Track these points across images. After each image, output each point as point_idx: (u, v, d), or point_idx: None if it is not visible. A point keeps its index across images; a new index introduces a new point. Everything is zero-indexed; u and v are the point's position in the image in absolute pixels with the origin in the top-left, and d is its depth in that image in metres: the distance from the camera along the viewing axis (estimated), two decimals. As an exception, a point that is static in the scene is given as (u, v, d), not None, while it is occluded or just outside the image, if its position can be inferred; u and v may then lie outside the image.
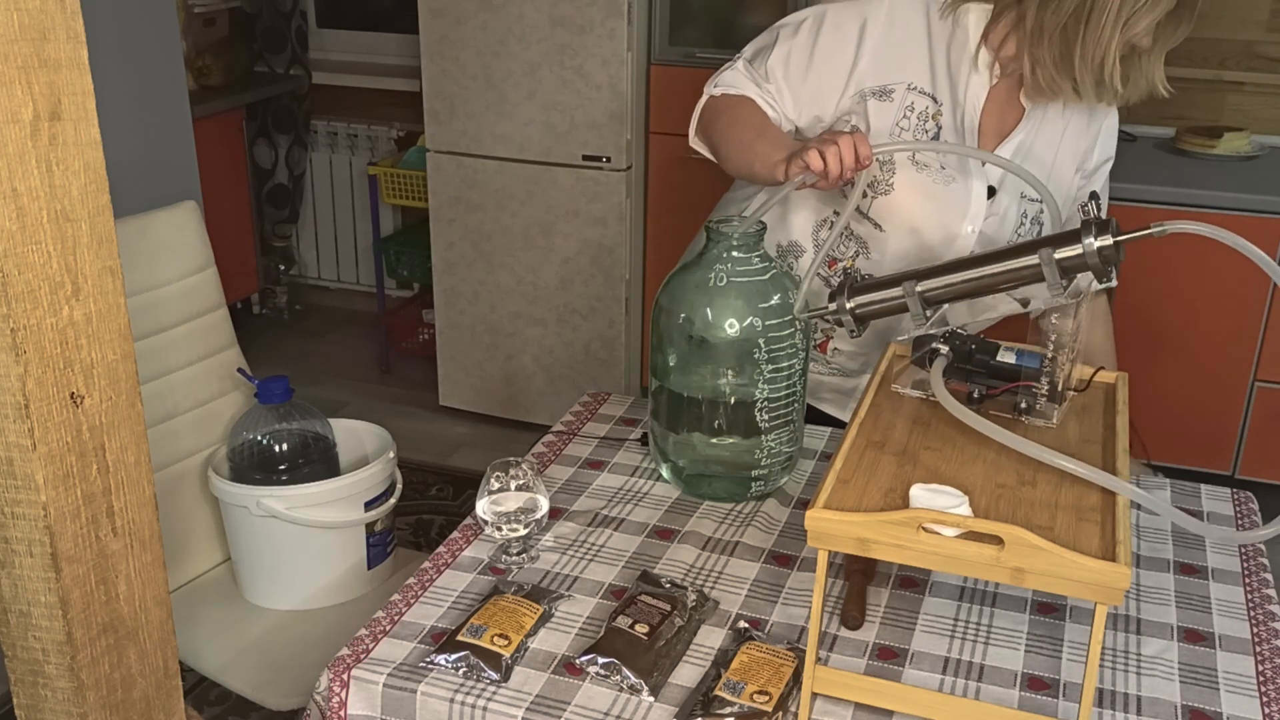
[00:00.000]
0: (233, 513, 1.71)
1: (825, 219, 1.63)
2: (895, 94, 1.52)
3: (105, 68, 1.42)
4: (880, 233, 1.58)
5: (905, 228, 1.57)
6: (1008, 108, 1.55)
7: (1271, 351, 2.82)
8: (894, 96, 1.52)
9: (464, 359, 3.49)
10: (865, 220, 1.59)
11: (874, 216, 1.58)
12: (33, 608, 0.93)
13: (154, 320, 1.73)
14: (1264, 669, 1.20)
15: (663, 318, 1.44)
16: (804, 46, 1.56)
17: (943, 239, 1.56)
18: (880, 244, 1.59)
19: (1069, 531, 1.05)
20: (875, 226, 1.58)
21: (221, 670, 1.64)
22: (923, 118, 1.52)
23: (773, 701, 1.11)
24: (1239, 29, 3.12)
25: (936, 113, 1.52)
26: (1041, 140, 1.57)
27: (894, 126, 1.53)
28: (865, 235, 1.60)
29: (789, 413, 1.45)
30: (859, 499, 1.10)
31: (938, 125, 1.52)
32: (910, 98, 1.52)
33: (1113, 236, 1.26)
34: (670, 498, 1.50)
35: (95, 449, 0.92)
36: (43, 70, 0.82)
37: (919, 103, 1.52)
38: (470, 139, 3.25)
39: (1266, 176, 2.87)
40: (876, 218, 1.57)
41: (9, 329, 0.83)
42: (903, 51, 1.53)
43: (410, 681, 1.15)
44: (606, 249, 3.22)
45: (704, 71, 1.70)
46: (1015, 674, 1.17)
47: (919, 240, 1.57)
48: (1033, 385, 1.26)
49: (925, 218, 1.55)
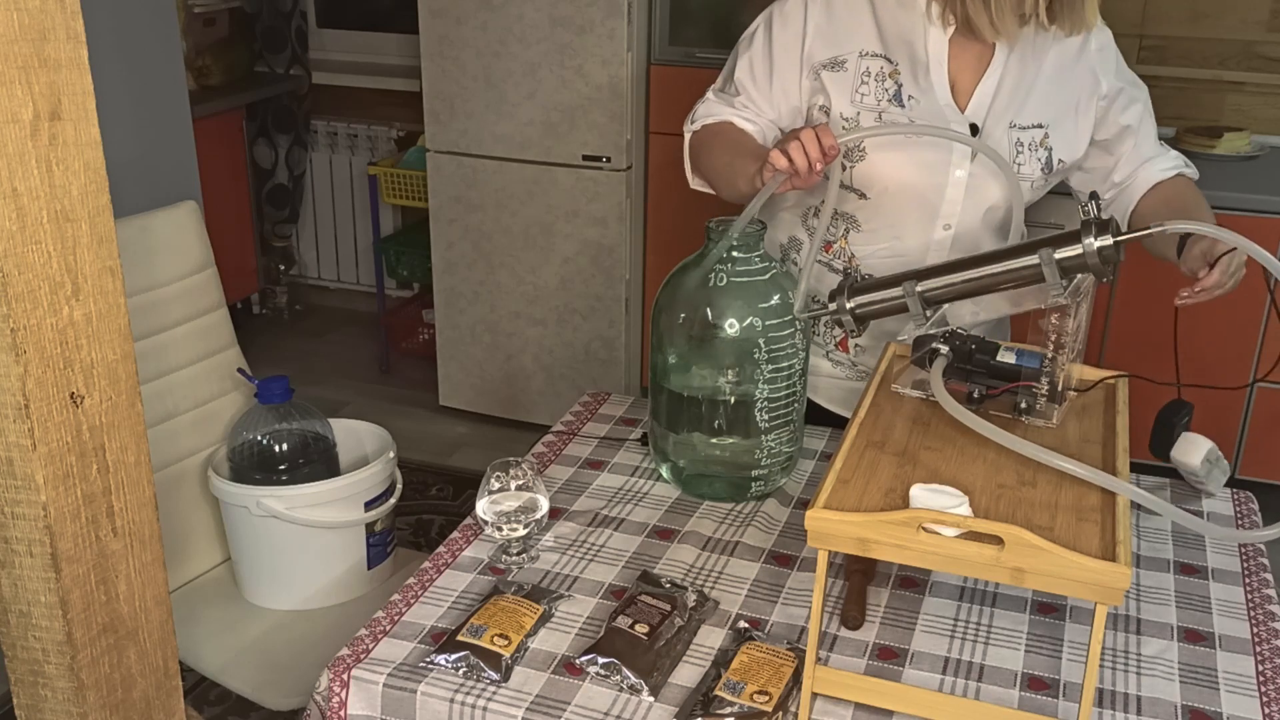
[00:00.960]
0: (233, 513, 1.71)
1: (811, 207, 1.66)
2: (848, 63, 1.56)
3: (105, 68, 1.42)
4: (866, 200, 1.60)
5: (890, 189, 1.58)
6: (976, 51, 1.56)
7: (1271, 351, 2.81)
8: (847, 66, 1.56)
9: (464, 359, 3.49)
10: (850, 192, 1.60)
11: (857, 186, 1.59)
12: (33, 608, 0.93)
13: (154, 320, 1.73)
14: (1264, 669, 1.20)
15: (663, 318, 1.45)
16: (761, 49, 1.61)
17: (931, 190, 1.57)
18: (869, 213, 1.60)
19: (1069, 531, 1.05)
20: (860, 196, 1.59)
21: (221, 670, 1.64)
22: (879, 79, 1.55)
23: (773, 701, 1.11)
24: (1239, 29, 3.12)
25: (893, 71, 1.55)
26: (1022, 74, 1.57)
27: (854, 93, 1.56)
28: (852, 210, 1.61)
29: (789, 413, 1.45)
30: (859, 499, 1.10)
31: (897, 84, 1.55)
32: (864, 63, 1.56)
33: (1113, 236, 1.26)
34: (670, 498, 1.50)
35: (95, 449, 0.92)
36: (43, 70, 0.82)
37: (873, 66, 1.55)
38: (470, 139, 3.25)
39: (1266, 176, 2.87)
40: (860, 186, 1.59)
41: (9, 329, 0.83)
42: (847, 22, 1.57)
43: (410, 681, 1.15)
44: (606, 249, 3.23)
45: (704, 71, 1.71)
46: (1015, 674, 1.17)
47: (907, 199, 1.58)
48: (1033, 385, 1.26)
49: (906, 174, 1.57)
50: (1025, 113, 1.57)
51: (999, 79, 1.56)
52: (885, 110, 1.55)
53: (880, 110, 1.55)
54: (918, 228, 1.59)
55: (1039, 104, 1.57)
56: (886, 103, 1.55)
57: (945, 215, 1.58)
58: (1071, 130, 1.60)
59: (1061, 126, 1.59)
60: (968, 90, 1.57)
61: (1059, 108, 1.59)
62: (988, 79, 1.56)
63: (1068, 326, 1.26)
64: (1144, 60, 1.60)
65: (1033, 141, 1.58)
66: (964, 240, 1.59)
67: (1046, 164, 1.58)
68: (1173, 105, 1.54)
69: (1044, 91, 1.57)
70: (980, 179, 1.57)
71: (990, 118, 1.56)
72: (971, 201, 1.57)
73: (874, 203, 1.59)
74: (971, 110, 1.56)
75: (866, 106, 1.56)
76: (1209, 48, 3.15)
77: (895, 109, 1.55)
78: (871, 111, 1.56)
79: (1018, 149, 1.57)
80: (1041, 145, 1.58)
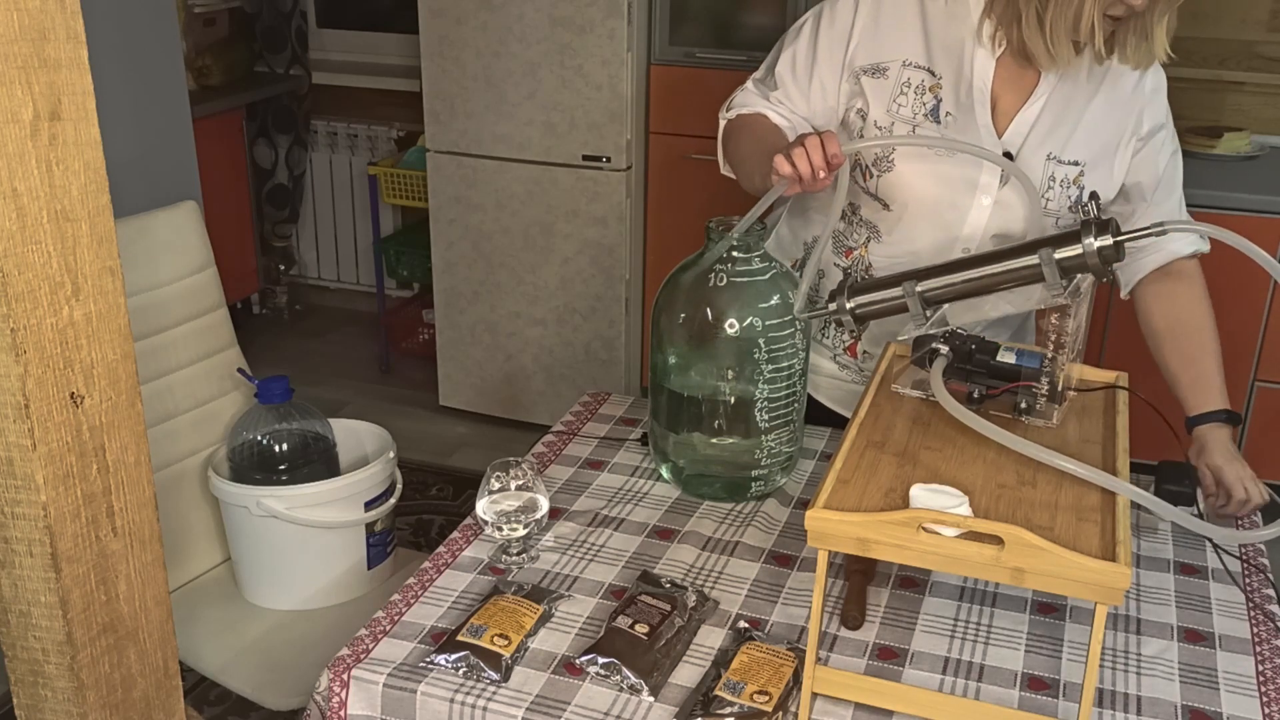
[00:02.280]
0: (233, 513, 1.71)
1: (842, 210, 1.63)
2: (890, 71, 1.53)
3: (105, 68, 1.42)
4: (888, 212, 1.56)
5: (912, 204, 1.54)
6: (1023, 76, 1.52)
7: (1271, 351, 2.82)
8: (889, 74, 1.53)
9: (464, 359, 3.49)
10: (873, 200, 1.57)
11: (881, 195, 1.56)
12: (33, 608, 0.93)
13: (154, 320, 1.73)
14: (1264, 669, 1.20)
15: (663, 318, 1.44)
16: (806, 44, 1.58)
17: (953, 211, 1.53)
18: (890, 224, 1.57)
19: (1069, 531, 1.05)
20: (883, 206, 1.56)
21: (221, 670, 1.64)
22: (919, 91, 1.52)
23: (773, 701, 1.11)
24: (1239, 29, 3.12)
25: (934, 85, 1.52)
26: (1068, 107, 1.53)
27: (891, 102, 1.53)
28: (873, 218, 1.58)
29: (789, 413, 1.45)
30: (859, 499, 1.10)
31: (936, 98, 1.51)
32: (906, 73, 1.52)
33: (1113, 236, 1.26)
34: (670, 498, 1.50)
35: (95, 449, 0.92)
36: (43, 70, 0.82)
37: (915, 77, 1.52)
38: (470, 139, 3.24)
39: (1266, 176, 2.87)
40: (883, 196, 1.56)
41: (9, 329, 0.83)
42: (895, 29, 1.53)
43: (410, 681, 1.15)
44: (606, 249, 3.22)
45: (704, 71, 1.71)
46: (1015, 674, 1.17)
47: (929, 216, 1.54)
48: (1033, 385, 1.26)
49: (931, 191, 1.53)
50: (1063, 146, 1.52)
51: (1041, 108, 1.52)
52: (920, 124, 1.52)
53: (915, 124, 1.52)
54: (936, 248, 1.55)
55: (1080, 141, 1.53)
56: (923, 117, 1.52)
57: (965, 239, 1.54)
58: (1107, 172, 1.55)
59: (1098, 167, 1.54)
60: (1008, 115, 1.52)
61: (1099, 148, 1.54)
62: (1030, 106, 1.52)
63: (1068, 326, 1.26)
64: (1144, 60, 1.60)
65: (1065, 178, 1.53)
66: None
67: (1076, 202, 1.54)
68: (1173, 105, 1.54)
69: (1087, 129, 1.53)
70: (1006, 208, 1.53)
71: (1027, 147, 1.52)
72: (993, 229, 1.53)
73: (896, 215, 1.56)
74: (1009, 137, 1.52)
75: (901, 118, 1.52)
76: (1209, 48, 3.15)
77: (930, 124, 1.52)
78: (906, 124, 1.52)
79: (1050, 183, 1.53)
80: (1074, 183, 1.54)
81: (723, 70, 2.99)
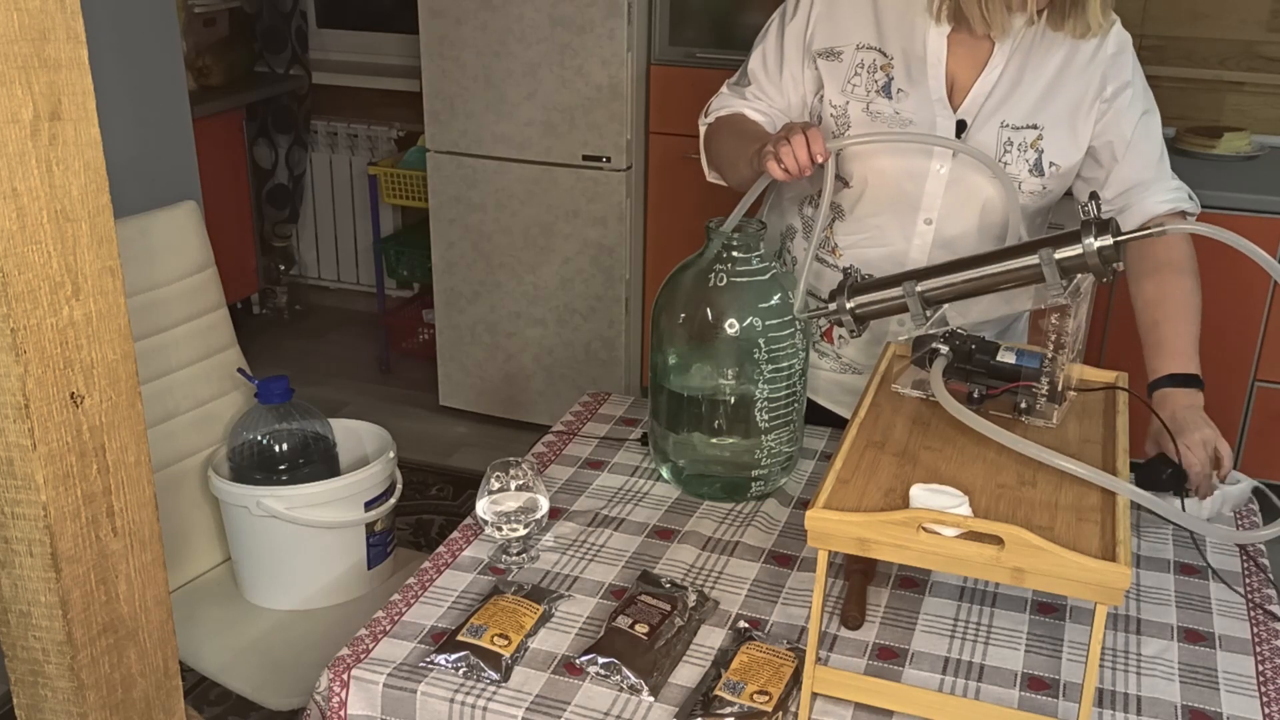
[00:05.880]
0: (233, 513, 1.71)
1: (809, 195, 1.69)
2: (844, 54, 1.60)
3: (105, 68, 1.42)
4: (849, 189, 1.62)
5: (872, 176, 1.59)
6: (978, 49, 1.56)
7: (1271, 351, 2.82)
8: (843, 57, 1.60)
9: (464, 359, 3.49)
10: (834, 180, 1.59)
11: (840, 173, 1.61)
12: (33, 608, 0.93)
13: (154, 320, 1.73)
14: (1264, 669, 1.20)
15: (663, 318, 1.45)
16: (774, 40, 1.66)
17: (909, 182, 1.58)
18: (852, 201, 1.62)
19: (1069, 531, 1.05)
20: (844, 184, 1.62)
21: (221, 670, 1.64)
22: (871, 70, 1.58)
23: (773, 701, 1.11)
24: (1239, 29, 3.12)
25: (886, 64, 1.58)
26: (1024, 73, 1.55)
27: (845, 83, 1.59)
28: (836, 198, 1.64)
29: (789, 413, 1.45)
30: (859, 499, 1.10)
31: (888, 76, 1.57)
32: (859, 55, 1.59)
33: (1113, 236, 1.26)
34: (670, 498, 1.50)
35: (95, 449, 0.92)
36: (43, 70, 0.82)
37: (867, 58, 1.59)
38: (470, 139, 3.25)
39: (1266, 176, 2.87)
40: (843, 174, 1.61)
41: (9, 329, 0.83)
42: (848, 14, 1.60)
43: (410, 681, 1.15)
44: (606, 249, 3.22)
45: (704, 71, 1.74)
46: (1015, 674, 1.17)
47: (886, 188, 1.59)
48: (1033, 385, 1.26)
49: (883, 162, 1.58)
50: (1019, 112, 1.55)
51: (996, 77, 1.56)
52: (872, 101, 1.57)
53: (868, 101, 1.57)
54: (898, 220, 1.60)
55: (1036, 104, 1.56)
56: (875, 94, 1.57)
57: (925, 209, 1.58)
58: (1068, 133, 1.57)
59: (1057, 129, 1.57)
60: (965, 87, 1.57)
61: (1058, 110, 1.57)
62: (985, 77, 1.56)
63: (1068, 326, 1.26)
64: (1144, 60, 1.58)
65: (1023, 142, 1.56)
66: (958, 241, 1.59)
67: (1035, 165, 1.56)
68: (1173, 105, 1.54)
69: (1044, 92, 1.56)
70: (963, 175, 1.56)
71: (980, 116, 1.56)
72: (955, 197, 1.57)
73: (856, 191, 1.61)
74: (964, 108, 1.56)
75: (855, 96, 1.58)
76: (1209, 48, 3.15)
77: (883, 101, 1.57)
78: (860, 102, 1.58)
79: (1005, 148, 1.56)
80: (1032, 147, 1.56)
81: (723, 70, 2.95)
